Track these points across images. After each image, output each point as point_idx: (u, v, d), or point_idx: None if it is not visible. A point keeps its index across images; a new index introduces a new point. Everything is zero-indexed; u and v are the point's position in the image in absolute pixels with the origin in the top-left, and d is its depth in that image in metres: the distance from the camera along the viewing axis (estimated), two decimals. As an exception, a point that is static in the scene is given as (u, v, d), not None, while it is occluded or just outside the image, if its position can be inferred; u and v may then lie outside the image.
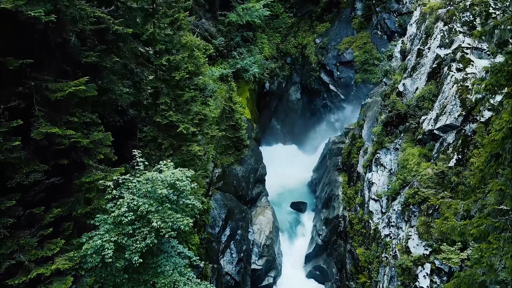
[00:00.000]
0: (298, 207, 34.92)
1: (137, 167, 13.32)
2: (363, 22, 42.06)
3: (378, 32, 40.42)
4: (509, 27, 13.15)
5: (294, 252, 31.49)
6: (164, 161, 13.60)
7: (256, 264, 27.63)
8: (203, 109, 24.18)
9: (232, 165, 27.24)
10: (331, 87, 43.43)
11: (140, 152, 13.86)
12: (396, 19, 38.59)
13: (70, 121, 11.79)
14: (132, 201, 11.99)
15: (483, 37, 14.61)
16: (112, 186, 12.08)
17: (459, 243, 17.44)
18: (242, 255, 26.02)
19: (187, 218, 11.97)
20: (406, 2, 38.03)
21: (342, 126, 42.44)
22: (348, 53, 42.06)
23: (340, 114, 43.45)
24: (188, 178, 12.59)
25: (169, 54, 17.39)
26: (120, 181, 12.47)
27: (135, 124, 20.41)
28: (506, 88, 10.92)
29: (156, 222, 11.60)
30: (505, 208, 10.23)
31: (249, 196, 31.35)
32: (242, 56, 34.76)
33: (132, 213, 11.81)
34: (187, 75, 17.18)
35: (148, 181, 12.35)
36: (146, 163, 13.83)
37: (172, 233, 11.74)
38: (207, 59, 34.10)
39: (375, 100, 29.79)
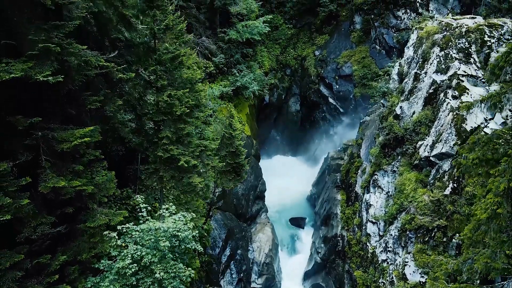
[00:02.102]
0: (298, 222, 35.34)
1: (140, 213, 13.70)
2: (362, 36, 42.43)
3: (377, 46, 40.81)
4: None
5: (293, 268, 31.91)
6: (166, 205, 13.99)
7: (256, 282, 28.07)
8: (204, 129, 24.65)
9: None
10: (330, 100, 43.86)
11: (142, 197, 14.24)
12: (395, 34, 38.97)
13: (76, 170, 12.19)
14: (136, 251, 12.38)
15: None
16: (117, 237, 12.48)
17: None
18: (242, 275, 26.45)
19: (189, 269, 12.37)
20: (404, 18, 38.42)
21: (341, 140, 42.88)
22: (347, 67, 42.46)
23: (339, 127, 43.87)
24: (189, 225, 12.98)
25: (171, 87, 17.80)
26: (124, 230, 12.87)
27: (136, 151, 20.90)
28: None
29: (159, 273, 11.99)
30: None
31: (249, 213, 31.76)
32: (242, 73, 35.12)
33: (135, 264, 12.20)
34: (188, 110, 17.56)
35: (151, 231, 12.73)
36: (149, 208, 14.22)
37: (175, 283, 12.13)
38: (207, 77, 34.78)
39: (373, 119, 30.21)
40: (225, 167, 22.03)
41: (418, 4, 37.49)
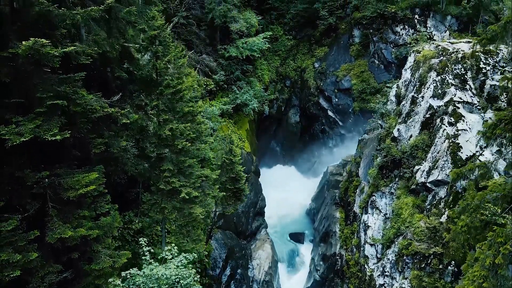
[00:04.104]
0: (297, 238, 35.79)
1: (143, 257, 14.13)
2: (360, 50, 42.80)
3: (376, 61, 41.20)
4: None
5: (292, 285, 32.34)
6: (168, 246, 14.43)
7: (256, 301, 28.51)
8: (205, 153, 25.03)
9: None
10: (330, 113, 44.27)
11: (145, 240, 14.68)
12: (393, 50, 39.35)
13: (82, 215, 12.62)
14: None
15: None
16: (121, 284, 12.91)
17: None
18: (242, 294, 26.90)
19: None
20: (402, 34, 38.81)
21: (340, 153, 43.33)
22: (346, 81, 42.85)
23: (338, 140, 44.32)
24: (190, 271, 13.42)
25: (173, 118, 18.22)
26: (127, 277, 13.31)
27: (138, 178, 21.31)
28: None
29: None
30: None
31: (248, 230, 32.20)
32: (242, 90, 35.54)
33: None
34: (189, 144, 17.97)
35: (154, 278, 13.15)
36: (152, 250, 14.65)
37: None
38: (207, 94, 35.15)
39: (371, 138, 30.63)
40: (225, 191, 22.45)
41: (416, 20, 37.88)
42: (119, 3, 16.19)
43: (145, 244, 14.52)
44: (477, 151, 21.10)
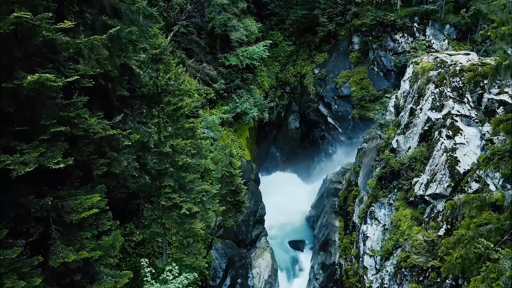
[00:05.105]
0: (297, 245, 36.00)
1: (145, 278, 14.36)
2: (360, 57, 43.03)
3: (375, 68, 41.42)
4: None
5: (292, 292, 32.60)
6: (169, 267, 14.65)
7: (255, 310, 28.72)
8: (206, 164, 25.19)
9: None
10: (329, 119, 44.51)
11: (147, 261, 14.90)
12: (392, 57, 39.55)
13: (85, 237, 12.83)
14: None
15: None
16: (124, 307, 13.16)
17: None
18: (242, 304, 27.11)
19: None
20: (401, 42, 39.02)
21: (339, 159, 43.57)
22: (345, 87, 43.08)
23: (337, 146, 44.54)
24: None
25: (173, 136, 18.43)
26: (130, 299, 13.55)
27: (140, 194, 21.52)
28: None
29: None
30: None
31: (248, 238, 32.40)
32: (242, 99, 35.74)
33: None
34: (190, 160, 18.18)
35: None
36: (153, 271, 14.88)
37: None
38: (207, 103, 35.34)
39: (370, 148, 30.83)
40: (225, 204, 22.65)
41: (415, 29, 38.08)
42: (121, 22, 16.44)
43: (146, 264, 14.73)
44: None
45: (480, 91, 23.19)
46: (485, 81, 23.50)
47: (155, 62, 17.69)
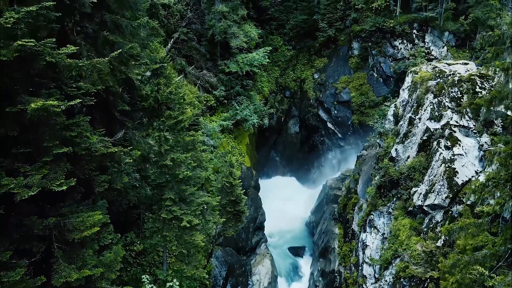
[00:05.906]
0: (297, 252, 36.17)
1: (146, 294, 14.54)
2: (359, 63, 43.20)
3: (374, 74, 41.58)
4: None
5: (292, 299, 32.76)
6: (170, 283, 14.82)
7: (255, 317, 28.89)
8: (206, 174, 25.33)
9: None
10: (329, 125, 44.67)
11: (148, 277, 15.06)
12: (392, 64, 39.70)
13: (87, 255, 13.00)
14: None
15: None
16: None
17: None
18: (242, 311, 27.28)
19: None
20: (401, 48, 39.17)
21: (339, 165, 43.77)
22: (345, 93, 43.24)
23: (337, 152, 44.71)
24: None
25: (174, 149, 18.59)
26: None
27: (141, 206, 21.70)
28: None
29: None
30: None
31: (248, 245, 32.56)
32: (242, 106, 35.90)
33: None
34: (190, 173, 18.33)
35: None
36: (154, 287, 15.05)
37: None
38: (208, 110, 35.48)
39: (370, 156, 30.99)
40: (225, 214, 22.82)
41: (414, 35, 38.24)
42: (123, 37, 16.62)
43: (148, 281, 14.90)
44: (472, 176, 21.51)
45: (479, 102, 23.31)
46: (484, 92, 23.70)
47: (156, 76, 17.88)
